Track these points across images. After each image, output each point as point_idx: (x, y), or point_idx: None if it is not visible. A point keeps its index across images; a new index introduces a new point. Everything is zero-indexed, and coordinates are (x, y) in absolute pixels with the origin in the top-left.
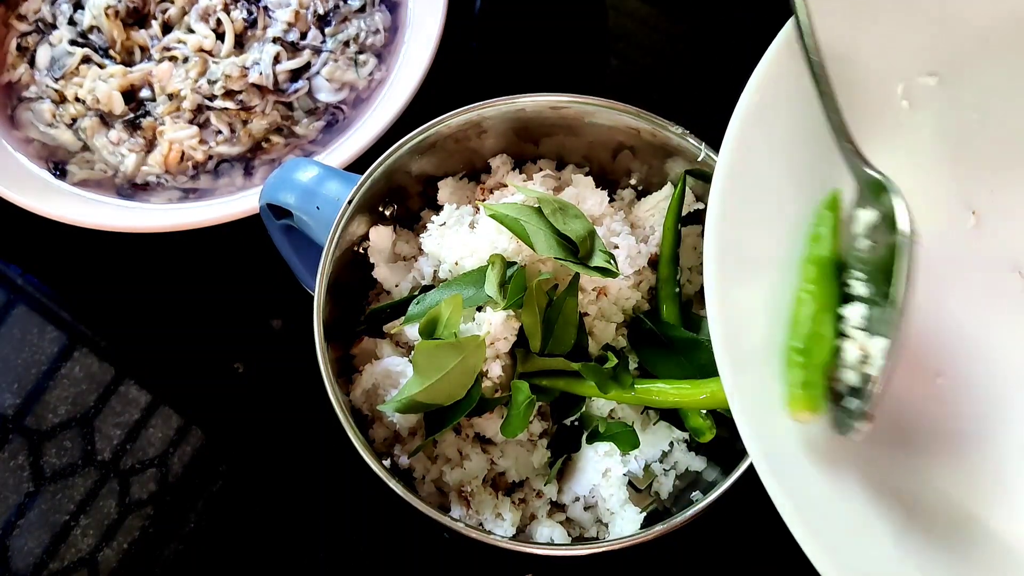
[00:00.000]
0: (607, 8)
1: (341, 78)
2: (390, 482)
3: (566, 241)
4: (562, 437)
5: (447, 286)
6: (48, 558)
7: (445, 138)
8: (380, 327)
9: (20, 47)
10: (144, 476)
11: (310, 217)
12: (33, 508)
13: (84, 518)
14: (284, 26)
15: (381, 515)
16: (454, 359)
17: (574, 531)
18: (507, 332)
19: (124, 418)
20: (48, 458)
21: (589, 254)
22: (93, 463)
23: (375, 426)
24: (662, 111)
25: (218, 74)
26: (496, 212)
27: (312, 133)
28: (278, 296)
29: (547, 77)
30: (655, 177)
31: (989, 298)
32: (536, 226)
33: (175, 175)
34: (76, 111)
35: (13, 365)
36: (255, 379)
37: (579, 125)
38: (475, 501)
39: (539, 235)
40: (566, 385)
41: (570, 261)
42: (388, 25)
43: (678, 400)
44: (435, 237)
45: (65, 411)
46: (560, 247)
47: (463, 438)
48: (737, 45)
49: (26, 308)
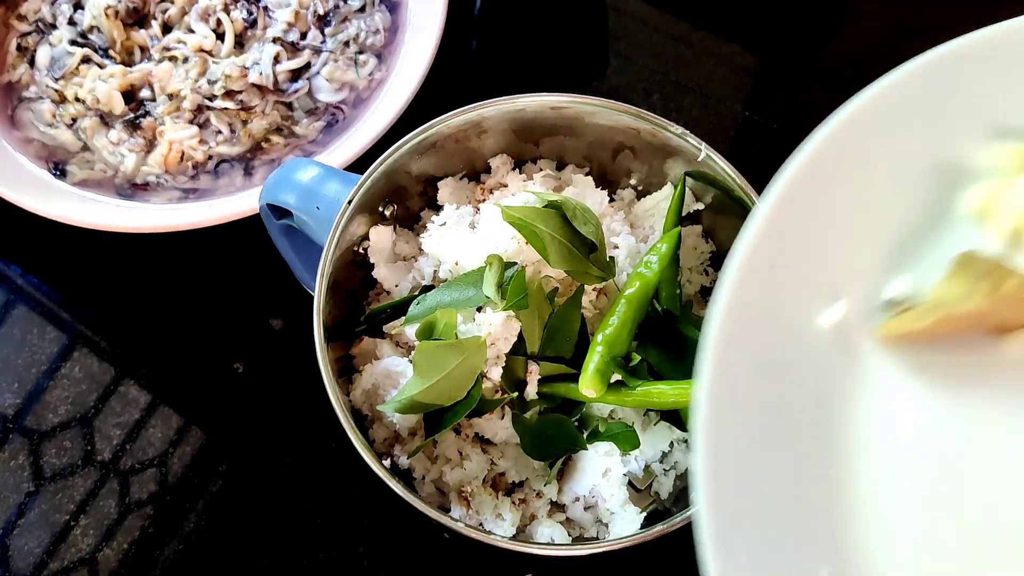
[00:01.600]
0: (607, 8)
1: (341, 78)
2: (390, 482)
3: (582, 241)
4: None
5: (447, 286)
6: (48, 558)
7: (445, 138)
8: (380, 327)
9: (20, 47)
10: (144, 476)
11: (310, 217)
12: (33, 508)
13: (84, 518)
14: (284, 26)
15: (381, 515)
16: (454, 360)
17: (574, 531)
18: (507, 333)
19: (124, 418)
20: (48, 458)
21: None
22: (93, 463)
23: (375, 426)
24: (662, 111)
25: (218, 74)
26: (513, 218)
27: (312, 133)
28: (278, 296)
29: (547, 77)
30: (655, 177)
31: None
32: (552, 234)
33: (175, 175)
34: (76, 111)
35: (13, 365)
36: (255, 379)
37: (579, 125)
38: (475, 501)
39: (553, 245)
40: (566, 391)
41: (580, 272)
42: (388, 25)
43: (677, 401)
44: (435, 237)
45: (65, 411)
46: (573, 257)
47: (463, 438)
48: (737, 45)
49: (26, 308)
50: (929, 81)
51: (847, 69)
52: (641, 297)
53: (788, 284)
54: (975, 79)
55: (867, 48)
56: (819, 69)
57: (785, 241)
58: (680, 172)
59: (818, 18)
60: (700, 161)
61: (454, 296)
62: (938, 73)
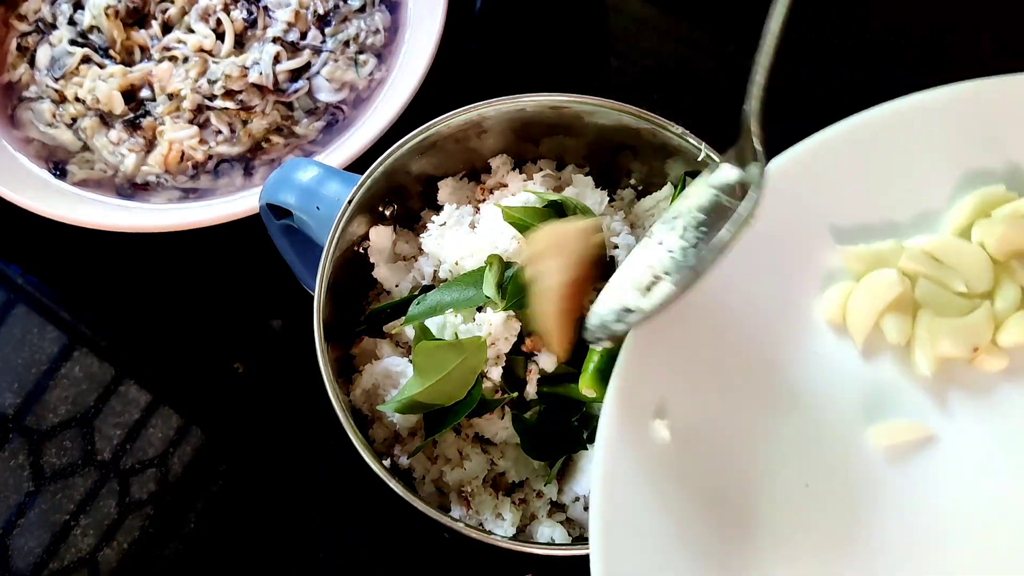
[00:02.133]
0: (607, 8)
1: (341, 78)
2: (390, 482)
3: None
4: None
5: (447, 286)
6: (48, 558)
7: (445, 138)
8: (380, 327)
9: (20, 47)
10: (144, 476)
11: (310, 217)
12: (33, 508)
13: (84, 518)
14: (284, 26)
15: (381, 515)
16: (455, 360)
17: (574, 531)
18: (507, 333)
19: (124, 418)
20: (48, 458)
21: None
22: (93, 463)
23: (375, 426)
24: (662, 111)
25: (218, 74)
26: (513, 218)
27: (312, 133)
28: (278, 296)
29: (547, 77)
30: (655, 177)
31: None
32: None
33: (175, 175)
34: (76, 111)
35: (13, 365)
36: (255, 379)
37: (579, 125)
38: (475, 501)
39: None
40: (566, 391)
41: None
42: (388, 25)
43: None
44: (435, 237)
45: (65, 411)
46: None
47: (463, 438)
48: (737, 45)
49: (26, 308)
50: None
51: (847, 69)
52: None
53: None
54: (813, 185)
55: (867, 47)
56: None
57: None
58: (680, 172)
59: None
60: (700, 161)
61: (454, 296)
62: (781, 180)
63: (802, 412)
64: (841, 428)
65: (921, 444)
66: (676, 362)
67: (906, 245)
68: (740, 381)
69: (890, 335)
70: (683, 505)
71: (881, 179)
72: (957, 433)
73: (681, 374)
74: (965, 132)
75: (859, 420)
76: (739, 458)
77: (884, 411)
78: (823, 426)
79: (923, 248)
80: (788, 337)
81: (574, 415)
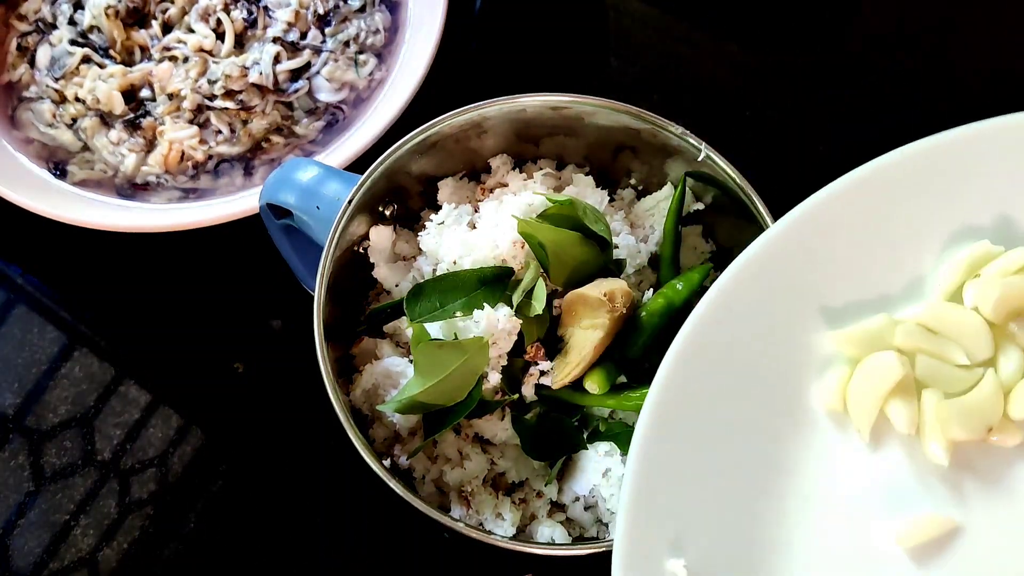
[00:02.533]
0: (607, 8)
1: (341, 78)
2: (390, 482)
3: (596, 241)
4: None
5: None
6: (48, 558)
7: (445, 138)
8: (380, 327)
9: (20, 47)
10: (144, 476)
11: (310, 217)
12: (33, 508)
13: (84, 518)
14: (284, 26)
15: (381, 515)
16: (456, 360)
17: (574, 531)
18: (508, 333)
19: (124, 418)
20: (48, 458)
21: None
22: (93, 463)
23: (375, 426)
24: (662, 111)
25: (218, 74)
26: (526, 231)
27: (312, 133)
28: (278, 296)
29: (547, 77)
30: (655, 177)
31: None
32: (559, 254)
33: (175, 175)
34: (76, 111)
35: (13, 365)
36: (255, 379)
37: (579, 125)
38: (475, 501)
39: (557, 262)
40: (568, 396)
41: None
42: (388, 25)
43: None
44: (433, 236)
45: (65, 411)
46: (576, 276)
47: (463, 438)
48: (737, 45)
49: (26, 308)
50: (759, 272)
51: (848, 69)
52: (662, 310)
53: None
54: (795, 268)
55: (868, 48)
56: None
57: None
58: (680, 172)
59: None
60: (700, 161)
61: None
62: (764, 265)
63: (818, 516)
64: (859, 527)
65: (947, 538)
66: (683, 491)
67: (898, 318)
68: (750, 494)
69: (898, 425)
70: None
71: (861, 249)
72: (982, 519)
73: (690, 504)
74: (940, 189)
75: (877, 516)
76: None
77: (902, 504)
78: (839, 528)
79: (917, 321)
80: (793, 437)
81: (574, 415)
